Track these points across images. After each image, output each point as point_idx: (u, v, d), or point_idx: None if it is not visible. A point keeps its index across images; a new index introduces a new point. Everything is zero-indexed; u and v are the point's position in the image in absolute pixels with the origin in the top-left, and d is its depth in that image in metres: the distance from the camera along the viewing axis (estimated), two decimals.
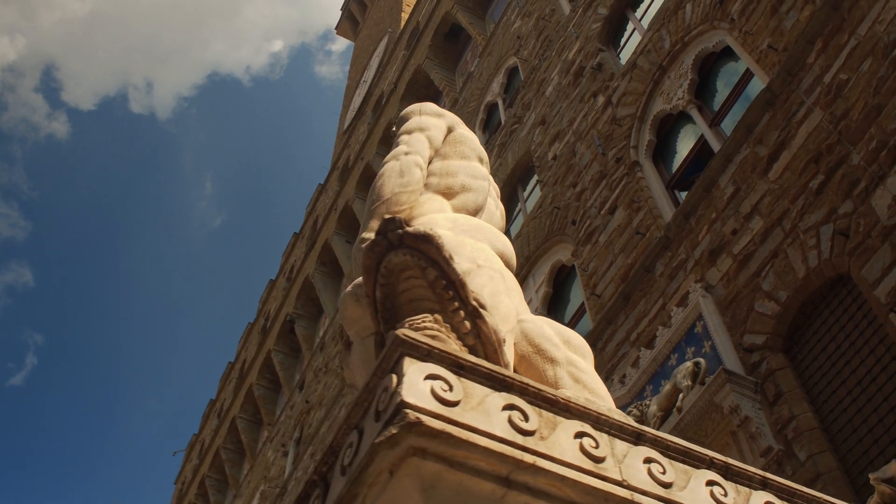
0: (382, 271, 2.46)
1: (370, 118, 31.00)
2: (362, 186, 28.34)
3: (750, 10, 11.85)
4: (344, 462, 2.07)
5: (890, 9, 9.24)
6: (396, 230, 2.48)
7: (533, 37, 20.94)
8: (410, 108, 5.45)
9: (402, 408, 1.94)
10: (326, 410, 23.30)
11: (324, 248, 29.18)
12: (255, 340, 33.16)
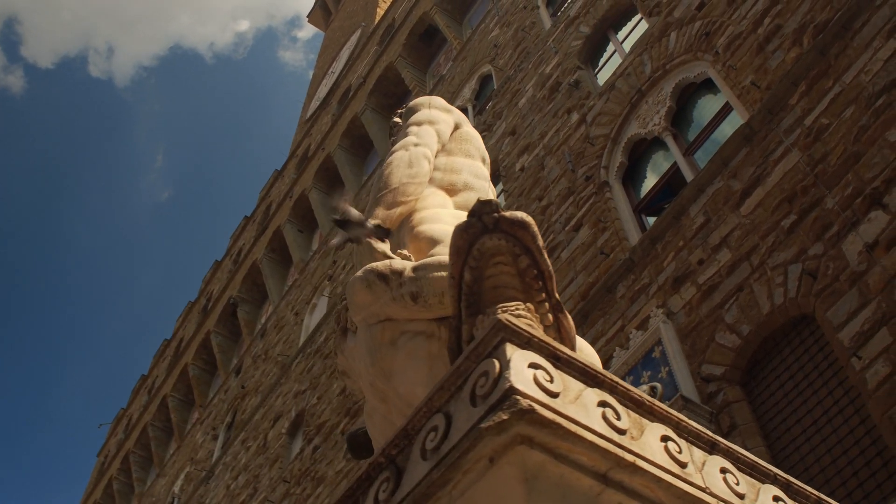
0: (475, 254, 2.41)
1: (335, 109, 30.83)
2: (321, 177, 28.21)
3: (735, 46, 11.98)
4: (426, 446, 2.02)
5: (877, 60, 9.40)
6: (492, 213, 2.44)
7: (511, 47, 20.99)
8: (419, 100, 5.42)
9: (511, 394, 1.90)
10: (263, 398, 23.10)
11: (275, 234, 28.96)
12: (194, 320, 32.79)
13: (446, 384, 2.11)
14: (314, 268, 25.64)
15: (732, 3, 12.58)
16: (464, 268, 2.42)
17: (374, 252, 4.23)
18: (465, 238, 2.41)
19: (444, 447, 1.97)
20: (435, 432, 2.04)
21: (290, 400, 21.13)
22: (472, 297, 2.41)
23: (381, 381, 3.63)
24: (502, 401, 1.90)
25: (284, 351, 23.73)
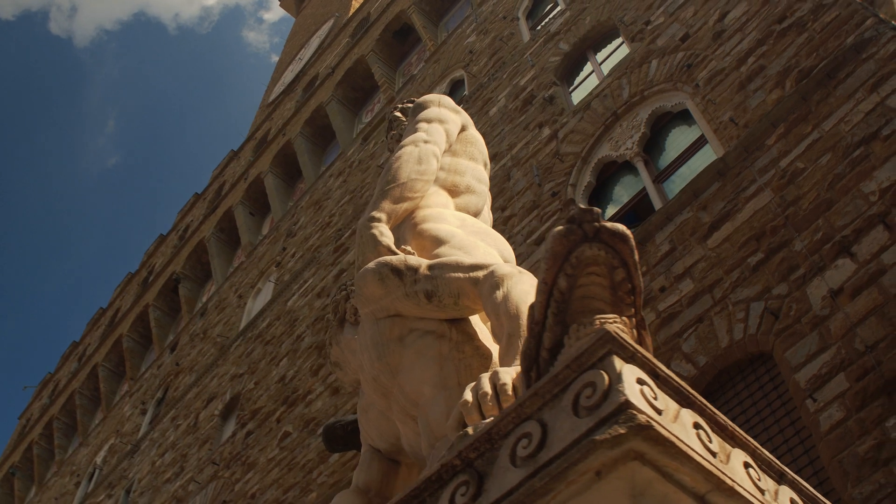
0: (572, 261, 2.38)
1: (300, 96, 30.63)
2: (278, 162, 28.02)
3: (717, 81, 12.12)
4: (518, 453, 1.98)
5: (858, 112, 9.58)
6: (594, 222, 2.41)
7: (486, 55, 21.02)
8: (429, 97, 5.40)
9: (626, 408, 1.88)
10: (197, 377, 22.83)
11: (225, 214, 28.67)
12: (133, 292, 32.31)
13: (541, 391, 2.08)
14: (262, 252, 25.41)
15: (717, 38, 12.73)
16: (559, 274, 2.40)
17: (377, 245, 4.19)
18: (564, 245, 2.38)
19: (542, 455, 1.94)
20: (528, 439, 2.01)
21: (225, 382, 20.91)
22: (562, 305, 2.38)
23: (386, 376, 3.59)
24: (616, 414, 1.88)
25: (224, 332, 23.48)
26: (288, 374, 18.09)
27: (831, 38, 10.65)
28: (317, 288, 19.95)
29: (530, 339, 2.42)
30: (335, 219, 22.19)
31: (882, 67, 9.68)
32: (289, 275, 22.26)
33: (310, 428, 15.75)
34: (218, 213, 29.04)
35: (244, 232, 27.23)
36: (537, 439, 1.98)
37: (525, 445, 2.00)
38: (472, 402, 2.74)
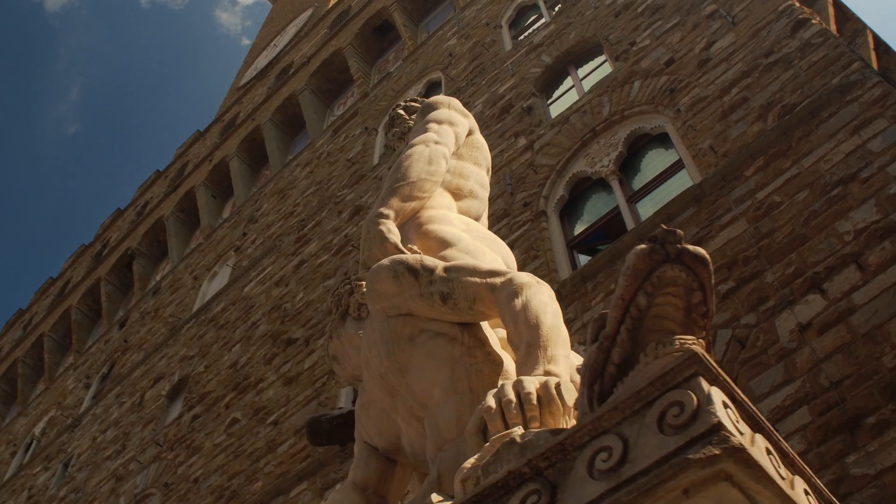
0: (654, 280, 2.39)
1: (272, 83, 30.44)
2: (245, 147, 27.84)
3: (699, 108, 12.24)
4: (597, 465, 1.98)
5: (839, 152, 9.73)
6: (676, 244, 2.43)
7: (466, 59, 21.05)
8: (439, 98, 5.40)
9: (719, 429, 1.89)
10: (146, 355, 22.56)
11: (187, 194, 28.41)
12: (85, 264, 31.87)
13: (621, 406, 2.08)
14: (221, 236, 25.21)
15: (703, 66, 12.86)
16: (638, 291, 2.41)
17: (384, 242, 4.18)
18: (646, 263, 2.40)
19: (626, 470, 1.95)
20: (608, 453, 2.01)
21: (175, 363, 20.69)
22: (637, 322, 2.39)
23: (394, 374, 3.57)
24: (708, 435, 1.89)
25: (176, 313, 23.24)
26: (240, 360, 17.95)
27: (817, 78, 10.81)
28: (276, 276, 19.83)
29: (598, 353, 2.43)
30: (299, 208, 22.07)
31: (865, 111, 9.84)
32: (247, 261, 22.10)
33: (259, 416, 15.64)
34: (179, 193, 28.76)
35: (204, 214, 26.98)
36: (619, 453, 1.99)
37: (605, 459, 2.00)
38: (496, 408, 2.74)
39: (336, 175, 21.96)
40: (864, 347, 7.86)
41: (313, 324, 16.72)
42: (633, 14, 15.85)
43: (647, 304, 2.37)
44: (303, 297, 17.98)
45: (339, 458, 12.88)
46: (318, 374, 15.26)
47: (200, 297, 23.16)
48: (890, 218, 8.63)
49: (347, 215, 19.44)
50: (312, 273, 18.51)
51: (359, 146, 22.34)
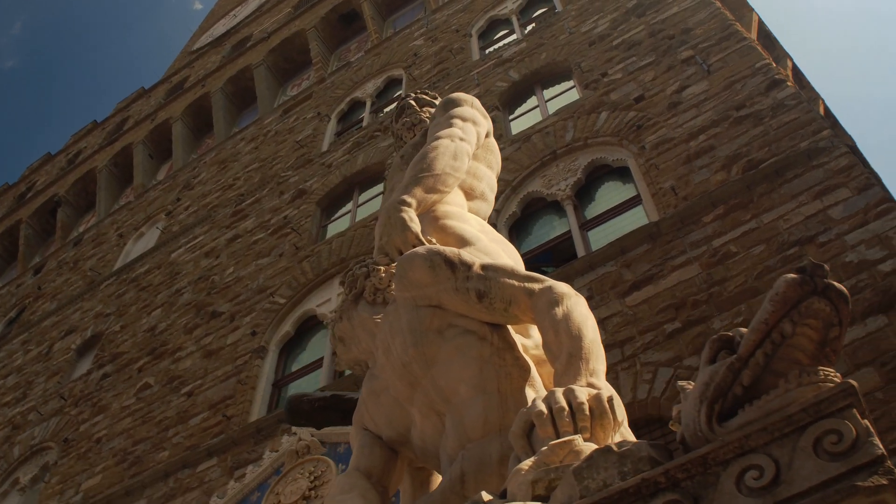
0: (801, 310, 2.41)
1: (227, 52, 30.05)
2: (191, 112, 27.45)
3: (664, 148, 12.41)
4: (746, 483, 1.99)
5: (799, 214, 9.95)
6: (824, 278, 2.45)
7: (431, 62, 21.04)
8: (463, 95, 5.37)
9: (883, 461, 1.93)
10: (59, 306, 21.97)
11: (123, 150, 27.84)
12: (6, 204, 30.97)
13: (770, 427, 2.11)
14: (154, 197, 24.74)
15: (672, 108, 13.05)
16: (784, 319, 2.43)
17: (406, 230, 4.13)
18: (797, 293, 2.42)
19: (782, 491, 1.98)
20: (758, 472, 2.03)
21: (89, 318, 20.19)
22: (776, 348, 2.41)
23: (419, 365, 3.52)
24: (873, 465, 1.95)
25: (97, 267, 22.70)
26: (160, 325, 17.60)
27: (786, 138, 11.04)
28: (207, 247, 19.51)
29: (727, 373, 2.43)
30: (239, 182, 21.78)
31: (830, 178, 10.09)
32: (178, 227, 21.71)
33: (173, 385, 15.36)
34: (115, 147, 28.16)
35: (139, 172, 26.45)
36: (771, 473, 2.01)
37: (756, 477, 2.02)
38: (548, 414, 2.71)
39: (282, 155, 21.73)
40: None
41: (241, 300, 16.49)
42: (608, 46, 16.02)
43: (791, 331, 2.40)
44: (233, 271, 17.73)
45: (253, 440, 12.72)
46: (240, 351, 15.05)
47: (124, 255, 22.67)
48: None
49: (289, 197, 19.24)
50: (246, 249, 18.26)
51: (309, 130, 22.15)
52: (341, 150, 19.87)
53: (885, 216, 9.18)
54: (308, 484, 11.10)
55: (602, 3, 17.80)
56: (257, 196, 20.31)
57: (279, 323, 15.38)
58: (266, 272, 16.89)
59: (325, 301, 15.21)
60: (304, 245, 17.00)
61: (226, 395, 14.16)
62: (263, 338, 15.05)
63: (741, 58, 13.07)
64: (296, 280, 16.00)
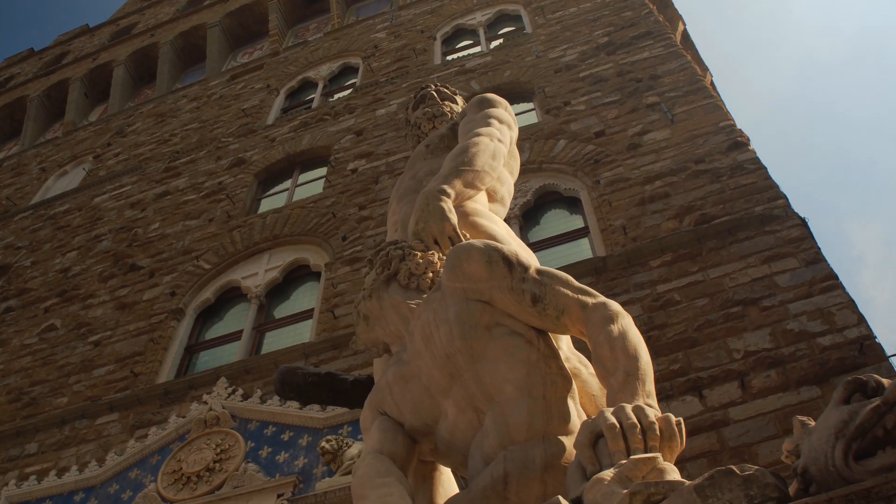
0: None
1: (183, 6, 29.47)
2: (136, 59, 26.98)
3: (619, 187, 12.58)
4: None
5: (746, 274, 10.19)
6: None
7: (391, 57, 20.99)
8: (496, 97, 5.37)
9: None
10: None
11: (59, 84, 27.08)
12: None
13: None
14: (83, 137, 24.08)
15: (632, 149, 13.24)
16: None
17: (444, 220, 4.10)
18: None
19: None
20: None
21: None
22: None
23: (464, 358, 3.47)
24: None
25: (13, 197, 21.98)
26: (74, 268, 17.12)
27: (741, 200, 11.31)
28: (133, 198, 19.07)
29: (870, 415, 2.45)
30: (175, 140, 21.37)
31: (780, 246, 10.36)
32: (105, 172, 21.18)
33: (81, 332, 14.95)
34: (51, 80, 27.35)
35: (72, 109, 25.73)
36: None
37: None
38: (620, 429, 2.72)
39: (224, 121, 21.39)
40: (730, 460, 8.20)
41: (164, 258, 16.16)
42: (574, 76, 16.19)
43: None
44: (158, 228, 17.36)
45: (160, 401, 12.46)
46: (156, 309, 14.73)
47: (43, 190, 22.00)
48: (781, 350, 9.09)
49: (227, 164, 18.93)
50: (175, 208, 17.90)
51: (256, 101, 21.86)
52: (287, 126, 19.65)
53: (829, 292, 9.47)
54: (213, 455, 10.90)
55: (573, 33, 17.99)
56: (193, 157, 19.94)
57: (200, 288, 15.11)
58: (193, 234, 16.58)
59: (252, 275, 15.01)
60: (237, 215, 16.75)
61: (135, 352, 13.84)
62: (182, 300, 14.77)
63: (706, 114, 13.34)
64: (224, 248, 15.75)
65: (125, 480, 11.18)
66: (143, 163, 20.65)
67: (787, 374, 8.84)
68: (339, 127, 18.52)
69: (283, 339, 13.53)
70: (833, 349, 8.80)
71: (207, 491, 10.46)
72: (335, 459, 9.74)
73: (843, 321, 9.06)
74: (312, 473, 10.16)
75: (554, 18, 19.13)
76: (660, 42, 16.08)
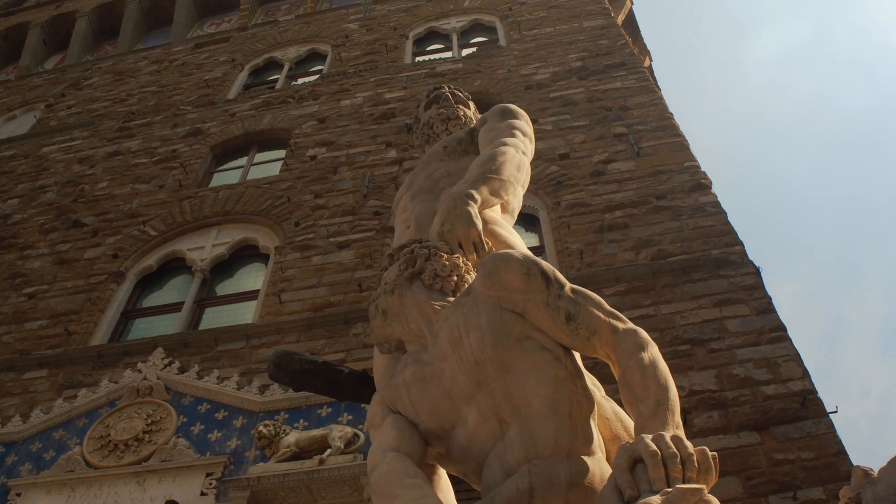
0: None
1: None
2: (99, 13, 26.65)
3: (579, 212, 12.70)
4: None
5: (697, 315, 10.38)
6: None
7: (361, 49, 20.92)
8: (519, 109, 5.40)
9: None
10: None
11: (17, 27, 26.44)
12: None
13: None
14: (36, 84, 23.54)
15: (595, 176, 13.38)
16: None
17: (471, 226, 4.09)
18: None
19: None
20: None
21: None
22: None
23: (494, 367, 3.46)
24: None
25: None
26: (14, 216, 16.72)
27: (699, 241, 11.51)
28: (83, 153, 18.69)
29: None
30: (132, 100, 21.01)
31: (733, 292, 10.57)
32: (56, 122, 20.74)
33: (15, 282, 14.61)
34: (10, 21, 26.65)
35: (28, 54, 25.12)
36: None
37: None
38: (661, 457, 2.75)
39: (185, 88, 21.11)
40: None
41: (109, 219, 15.87)
42: (544, 96, 16.31)
43: None
44: (107, 187, 17.05)
45: (92, 363, 12.24)
46: (96, 269, 14.47)
47: None
48: (724, 393, 9.27)
49: (183, 132, 18.68)
50: (125, 169, 17.60)
51: (219, 73, 21.61)
52: (249, 103, 19.46)
53: (777, 343, 9.69)
54: (143, 426, 10.72)
55: (547, 53, 18.13)
56: (149, 120, 19.63)
57: (144, 254, 14.88)
58: (142, 199, 16.32)
59: (198, 247, 14.82)
60: (189, 185, 16.54)
61: (71, 310, 13.58)
62: (125, 264, 14.52)
63: (672, 152, 13.54)
64: (172, 217, 15.54)
65: (49, 440, 10.95)
66: (97, 119, 20.27)
67: (728, 417, 9.01)
68: (302, 112, 18.40)
69: (223, 317, 13.39)
70: (776, 399, 9.00)
71: (134, 461, 10.29)
72: (271, 445, 9.67)
73: (787, 373, 9.28)
74: (245, 456, 10.07)
75: (529, 35, 19.26)
76: (633, 74, 16.28)
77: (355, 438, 9.60)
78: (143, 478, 10.11)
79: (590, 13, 19.82)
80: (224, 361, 11.75)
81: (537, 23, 19.90)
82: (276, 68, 22.11)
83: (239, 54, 22.59)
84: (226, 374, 11.45)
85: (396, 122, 16.91)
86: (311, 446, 9.60)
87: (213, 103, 19.91)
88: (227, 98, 20.12)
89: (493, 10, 21.45)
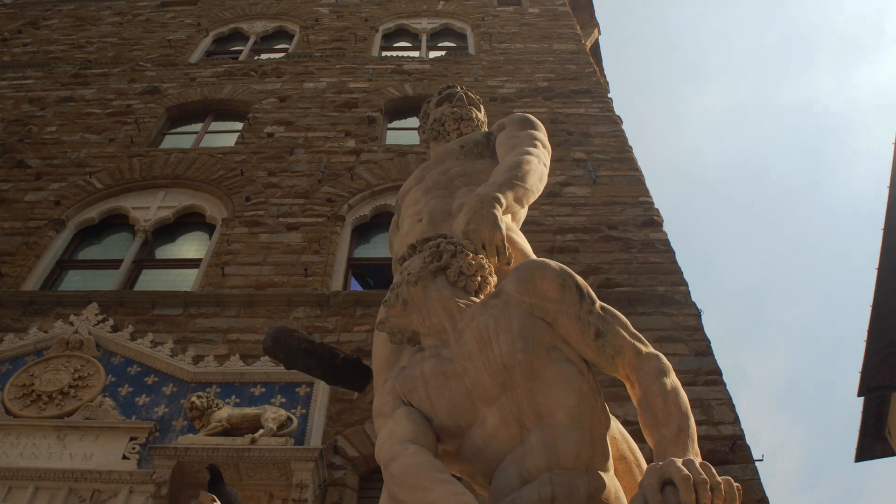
0: None
1: None
2: None
3: (530, 230, 12.79)
4: None
5: None
6: None
7: (330, 35, 20.84)
8: (535, 119, 5.46)
9: None
10: None
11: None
12: None
13: None
14: None
15: (550, 196, 13.52)
16: None
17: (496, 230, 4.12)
18: None
19: None
20: None
21: None
22: None
23: (522, 373, 3.49)
24: None
25: None
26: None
27: (646, 275, 11.74)
28: (34, 94, 18.29)
29: None
30: (91, 48, 20.63)
31: (675, 330, 10.79)
32: (9, 58, 20.25)
33: None
34: None
35: None
36: None
37: None
38: (692, 481, 2.84)
39: (146, 45, 20.80)
40: None
41: (55, 164, 15.56)
42: (508, 110, 16.43)
43: None
44: (56, 132, 16.70)
45: (22, 309, 11.98)
46: (36, 214, 14.17)
47: None
48: None
49: (140, 89, 18.40)
50: (77, 117, 17.26)
51: (183, 35, 21.34)
52: (211, 70, 19.25)
53: (712, 386, 9.93)
54: (70, 380, 10.53)
55: (515, 68, 18.29)
56: (106, 71, 19.28)
57: (87, 206, 14.61)
58: (91, 149, 16.03)
59: (143, 207, 14.62)
60: (141, 143, 16.30)
61: (6, 251, 13.28)
62: (66, 213, 14.25)
63: (628, 185, 13.77)
64: (120, 172, 15.29)
65: None
66: (52, 61, 19.85)
67: None
68: (264, 87, 18.26)
69: (160, 281, 13.23)
70: (706, 440, 9.22)
71: (57, 415, 10.10)
72: (202, 417, 9.57)
73: (720, 416, 9.51)
74: (172, 425, 9.96)
75: (500, 48, 19.40)
76: (597, 102, 16.52)
77: (288, 422, 9.57)
78: (64, 433, 9.92)
79: (561, 36, 20.04)
80: (159, 326, 11.60)
81: (508, 37, 20.06)
82: (241, 39, 21.91)
83: (205, 19, 22.34)
84: (160, 339, 11.32)
85: (358, 112, 16.88)
86: (243, 424, 9.54)
87: (173, 64, 19.66)
88: (189, 62, 19.88)
89: (465, 18, 21.56)
